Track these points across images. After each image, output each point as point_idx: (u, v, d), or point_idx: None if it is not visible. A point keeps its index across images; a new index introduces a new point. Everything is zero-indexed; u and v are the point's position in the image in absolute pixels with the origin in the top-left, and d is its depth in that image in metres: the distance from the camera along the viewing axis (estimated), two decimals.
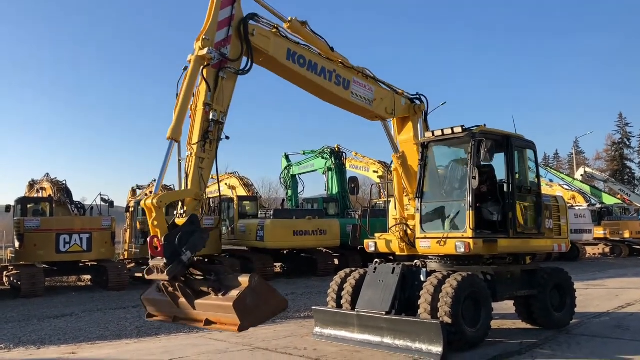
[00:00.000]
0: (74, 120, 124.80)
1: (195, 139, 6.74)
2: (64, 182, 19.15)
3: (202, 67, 6.84)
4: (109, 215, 17.74)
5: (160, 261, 6.07)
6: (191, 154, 6.70)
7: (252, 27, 7.38)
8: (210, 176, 7.01)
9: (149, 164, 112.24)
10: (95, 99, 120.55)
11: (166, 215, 6.39)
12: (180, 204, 6.64)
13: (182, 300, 6.26)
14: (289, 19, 8.01)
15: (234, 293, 5.82)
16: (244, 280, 5.89)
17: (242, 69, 7.23)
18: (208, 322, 6.04)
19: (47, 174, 19.79)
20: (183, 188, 6.71)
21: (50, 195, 18.51)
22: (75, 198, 19.05)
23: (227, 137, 7.03)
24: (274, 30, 7.76)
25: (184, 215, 6.47)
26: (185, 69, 6.85)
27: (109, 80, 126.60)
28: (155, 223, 6.21)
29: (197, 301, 6.13)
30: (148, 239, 6.19)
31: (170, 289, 6.26)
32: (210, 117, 6.80)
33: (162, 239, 6.07)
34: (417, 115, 9.62)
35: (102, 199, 18.55)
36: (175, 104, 6.70)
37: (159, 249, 6.06)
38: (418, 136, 9.49)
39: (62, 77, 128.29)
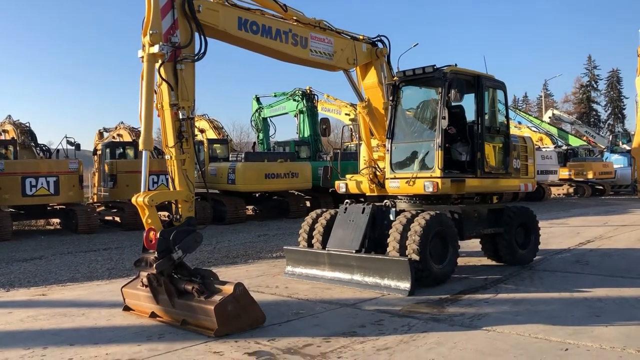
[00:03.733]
0: (36, 61, 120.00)
1: (170, 142, 6.57)
2: (28, 125, 18.60)
3: (157, 65, 6.46)
4: (76, 158, 17.38)
5: (151, 255, 6.23)
6: (171, 157, 6.58)
7: (197, 2, 6.85)
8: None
9: (115, 106, 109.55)
10: (57, 37, 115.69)
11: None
12: (173, 206, 6.65)
13: (163, 297, 6.30)
14: None
15: (217, 298, 5.90)
16: (228, 288, 5.99)
17: (197, 53, 6.81)
18: (184, 323, 6.11)
19: (9, 115, 19.18)
20: (171, 189, 6.73)
21: (13, 138, 18.00)
22: (40, 141, 18.59)
23: (202, 130, 6.87)
24: (221, 0, 7.30)
25: (180, 219, 6.54)
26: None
27: (73, 13, 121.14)
28: (149, 221, 6.28)
29: (178, 300, 6.19)
30: (144, 232, 6.30)
31: (155, 283, 6.31)
32: (180, 117, 6.57)
33: (158, 233, 6.19)
34: (379, 59, 9.37)
35: (68, 142, 18.10)
36: (139, 110, 6.44)
37: (153, 242, 6.19)
38: (382, 80, 9.33)
39: (21, 10, 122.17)
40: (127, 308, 6.97)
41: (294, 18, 8.29)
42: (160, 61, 6.48)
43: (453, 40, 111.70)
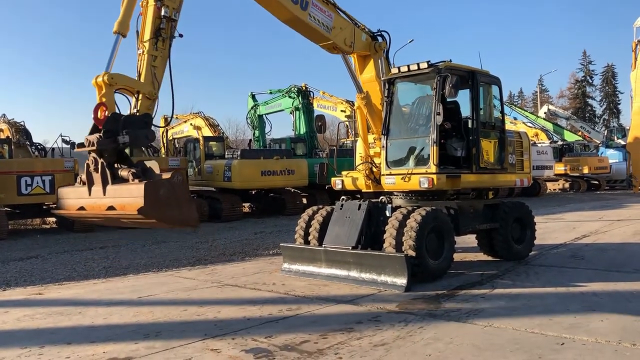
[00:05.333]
0: (33, 60, 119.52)
1: (147, 36, 6.44)
2: (22, 123, 18.56)
3: None
4: (71, 157, 17.34)
5: (95, 135, 5.85)
6: (143, 51, 6.42)
7: None
8: (175, 116, 6.82)
9: None
10: (52, 33, 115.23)
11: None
12: (133, 100, 6.37)
13: (96, 188, 5.89)
14: None
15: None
16: (166, 175, 5.66)
17: None
18: (110, 208, 5.66)
19: (4, 114, 19.13)
20: None
21: (8, 137, 17.95)
22: (35, 140, 18.56)
23: (181, 35, 6.75)
24: None
25: (137, 113, 6.24)
26: None
27: (65, 13, 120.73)
28: (104, 99, 5.96)
29: (110, 186, 5.78)
30: (94, 107, 5.92)
31: (92, 167, 5.92)
32: (162, 14, 6.49)
33: (109, 113, 5.83)
34: (377, 53, 9.38)
35: (64, 140, 18.05)
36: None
37: (102, 119, 5.81)
38: (380, 75, 9.34)
39: (16, 8, 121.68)
40: (56, 209, 6.51)
41: None
42: None
43: (447, 42, 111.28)
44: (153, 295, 7.92)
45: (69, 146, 18.03)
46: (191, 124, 25.24)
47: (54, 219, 18.69)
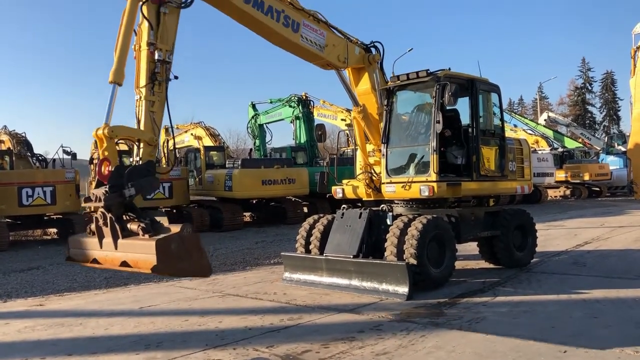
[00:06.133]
0: (34, 72, 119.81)
1: (142, 81, 6.42)
2: (24, 135, 18.63)
3: (140, 3, 6.41)
4: (72, 168, 17.37)
5: (101, 189, 5.88)
6: (140, 97, 6.41)
7: None
8: (176, 126, 6.83)
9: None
10: (53, 47, 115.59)
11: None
12: (135, 148, 6.40)
13: (107, 240, 5.93)
14: None
15: (162, 236, 5.57)
16: (176, 228, 5.66)
17: (184, 1, 6.78)
18: (124, 264, 5.70)
19: (5, 126, 19.20)
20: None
21: (9, 148, 18.01)
22: (36, 151, 18.62)
23: (176, 77, 6.71)
24: None
25: (140, 162, 6.27)
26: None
27: (67, 24, 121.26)
28: (106, 153, 5.99)
29: (121, 241, 5.80)
30: (98, 163, 5.97)
31: (101, 221, 5.94)
32: (156, 57, 6.45)
33: (113, 167, 5.86)
34: (372, 66, 9.33)
35: (65, 151, 18.13)
36: (115, 45, 6.31)
37: (107, 175, 5.87)
38: (375, 87, 9.31)
39: (13, 19, 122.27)
40: (69, 259, 6.56)
41: (288, 1, 8.22)
42: (144, 0, 6.42)
43: (447, 53, 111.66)
44: (154, 305, 7.91)
45: (69, 157, 18.11)
46: (192, 134, 25.30)
47: (54, 230, 18.69)
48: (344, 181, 9.96)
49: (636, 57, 29.09)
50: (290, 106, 25.10)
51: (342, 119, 25.68)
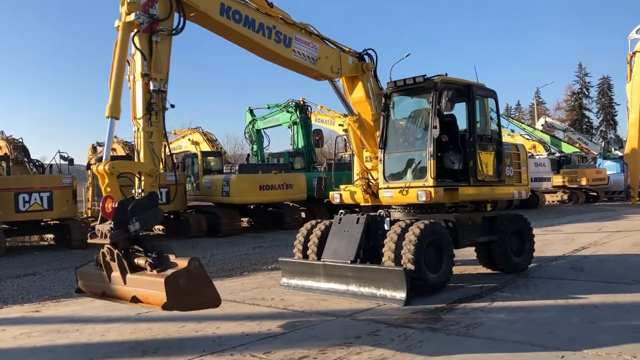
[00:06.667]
0: (29, 76, 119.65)
1: (139, 113, 6.40)
2: (21, 140, 18.57)
3: (132, 34, 6.37)
4: (70, 173, 17.32)
5: (106, 225, 5.94)
6: (138, 129, 6.40)
7: None
8: (173, 131, 6.83)
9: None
10: (50, 52, 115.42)
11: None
12: (136, 181, 6.44)
13: (115, 274, 6.05)
14: None
15: (170, 272, 5.65)
16: (183, 262, 5.72)
17: (175, 27, 6.71)
18: (134, 300, 5.82)
19: (2, 131, 19.15)
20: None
21: (6, 154, 17.95)
22: (34, 156, 18.56)
23: (172, 106, 6.71)
24: None
25: (142, 193, 6.32)
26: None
27: (65, 30, 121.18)
28: (109, 189, 6.03)
29: (129, 276, 5.91)
30: (101, 200, 6.03)
31: (108, 257, 6.07)
32: (151, 88, 6.41)
33: (116, 203, 5.92)
34: (365, 74, 9.26)
35: (62, 157, 18.06)
36: (109, 78, 6.29)
37: (110, 212, 5.92)
38: (370, 95, 9.27)
39: (12, 24, 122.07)
40: (79, 290, 6.63)
41: (279, 16, 8.16)
42: (135, 30, 6.37)
43: (444, 58, 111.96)
44: (151, 311, 7.86)
45: (67, 162, 18.05)
46: (189, 139, 25.27)
47: (51, 236, 18.63)
48: (342, 186, 9.95)
49: (632, 63, 29.27)
50: (287, 111, 25.11)
51: (339, 124, 25.56)
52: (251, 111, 27.41)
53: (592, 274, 9.47)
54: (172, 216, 18.94)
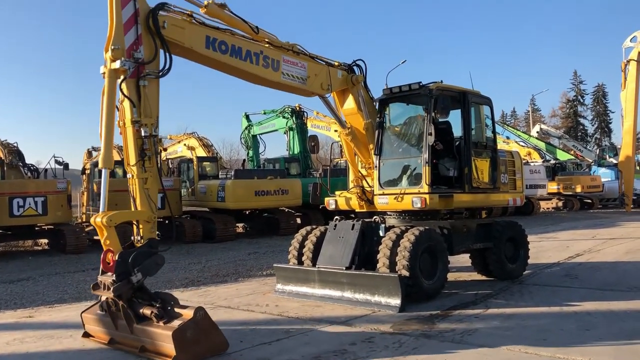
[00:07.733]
0: (25, 80, 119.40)
1: (132, 160, 6.35)
2: (15, 144, 18.50)
3: (119, 81, 6.29)
4: (64, 178, 17.26)
5: (108, 277, 5.93)
6: (132, 176, 6.37)
7: (162, 18, 6.59)
8: (169, 136, 6.79)
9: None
10: (45, 56, 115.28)
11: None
12: (135, 228, 6.41)
13: (122, 322, 6.08)
14: (205, 3, 7.25)
15: (176, 323, 5.68)
16: (188, 312, 5.76)
17: (162, 69, 6.60)
18: (143, 349, 5.86)
19: None
20: (132, 209, 6.46)
21: (0, 158, 17.88)
22: (28, 161, 18.49)
23: (165, 149, 6.66)
24: (188, 18, 7.06)
25: (142, 240, 6.31)
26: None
27: (65, 30, 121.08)
28: (108, 242, 6.02)
29: (136, 326, 5.94)
30: (102, 254, 6.05)
31: (113, 308, 6.10)
32: (143, 134, 6.34)
33: (116, 255, 5.93)
34: (355, 86, 9.19)
35: (57, 161, 18.02)
36: (99, 127, 6.22)
37: (111, 265, 5.92)
38: (361, 106, 9.23)
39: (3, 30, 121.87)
40: (86, 334, 6.69)
41: (266, 40, 8.07)
42: (122, 77, 6.29)
43: (440, 66, 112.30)
44: None
45: (62, 167, 18.00)
46: (185, 145, 25.28)
47: (45, 241, 18.55)
48: (337, 192, 9.96)
49: (626, 71, 29.43)
50: (283, 117, 25.15)
51: (335, 130, 25.62)
52: (247, 117, 27.44)
53: (587, 281, 9.49)
54: (167, 221, 18.84)
